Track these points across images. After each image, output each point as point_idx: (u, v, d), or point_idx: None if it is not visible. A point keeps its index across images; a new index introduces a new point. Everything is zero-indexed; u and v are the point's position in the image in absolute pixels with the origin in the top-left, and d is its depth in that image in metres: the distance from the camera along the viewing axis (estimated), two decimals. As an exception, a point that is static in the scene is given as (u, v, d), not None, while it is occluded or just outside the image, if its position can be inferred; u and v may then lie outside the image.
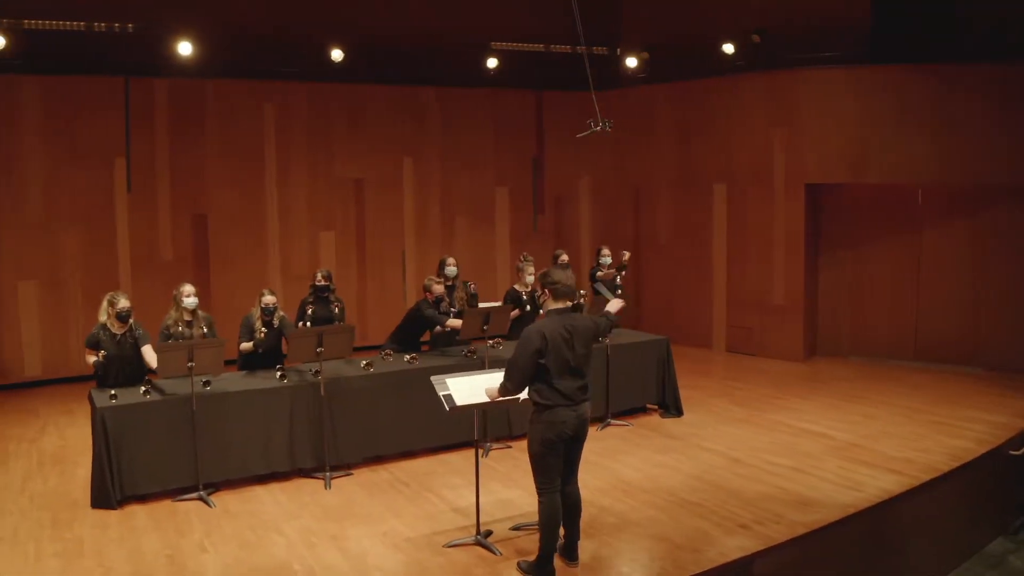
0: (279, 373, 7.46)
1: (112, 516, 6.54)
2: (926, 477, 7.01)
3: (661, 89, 12.72)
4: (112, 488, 6.66)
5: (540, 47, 12.91)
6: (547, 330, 5.34)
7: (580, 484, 7.04)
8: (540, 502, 5.47)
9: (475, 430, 6.06)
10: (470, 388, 5.89)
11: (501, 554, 5.82)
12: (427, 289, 8.45)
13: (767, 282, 11.61)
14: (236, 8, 11.18)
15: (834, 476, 7.10)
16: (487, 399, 5.72)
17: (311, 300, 8.32)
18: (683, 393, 9.85)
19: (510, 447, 8.13)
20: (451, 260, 9.06)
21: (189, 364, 6.74)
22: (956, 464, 7.28)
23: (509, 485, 7.11)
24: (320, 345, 7.16)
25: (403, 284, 12.76)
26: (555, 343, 5.29)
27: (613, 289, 9.93)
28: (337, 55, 11.60)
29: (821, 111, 10.90)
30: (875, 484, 6.89)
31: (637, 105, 13.12)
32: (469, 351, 8.40)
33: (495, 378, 5.71)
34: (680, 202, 12.71)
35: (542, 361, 5.27)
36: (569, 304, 5.54)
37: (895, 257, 11.19)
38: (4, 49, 9.44)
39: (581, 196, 13.89)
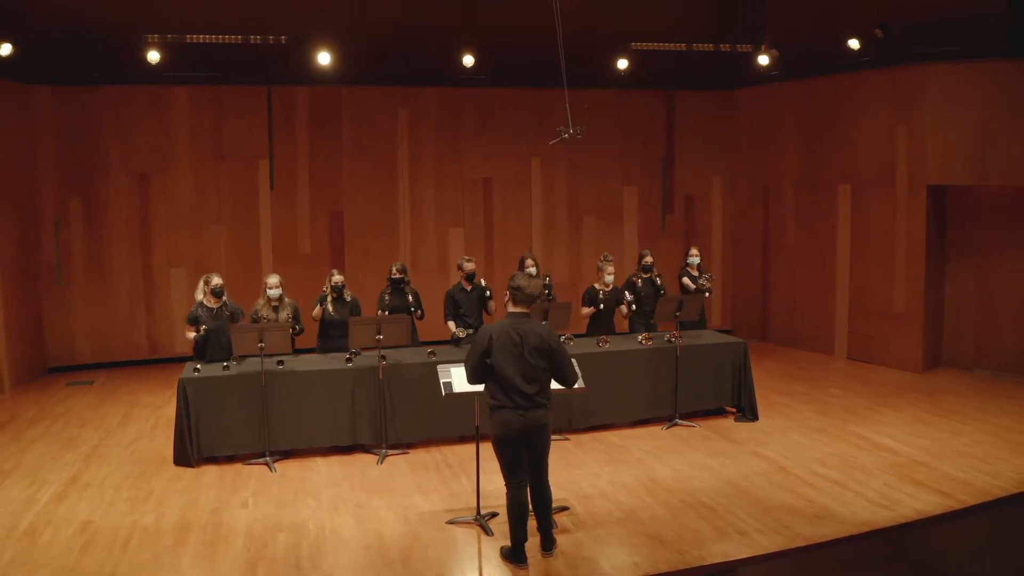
0: (347, 356, 8.17)
1: (187, 473, 7.50)
2: (972, 502, 6.53)
3: (789, 87, 12.31)
4: (190, 449, 7.64)
5: (681, 46, 12.83)
6: (495, 332, 5.61)
7: (611, 478, 7.34)
8: (506, 494, 5.77)
9: (476, 416, 6.40)
10: (471, 377, 6.27)
11: (493, 534, 6.16)
12: (459, 268, 9.18)
13: (888, 288, 10.96)
14: (371, 19, 12.04)
15: (874, 493, 6.77)
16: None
17: (388, 291, 8.98)
18: (776, 398, 9.71)
19: (567, 439, 8.37)
20: (529, 261, 9.41)
21: (260, 344, 7.59)
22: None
23: (541, 474, 7.38)
24: (379, 332, 7.80)
25: (531, 280, 13.20)
26: (501, 344, 5.53)
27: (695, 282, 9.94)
28: (468, 60, 12.22)
29: (944, 108, 10.14)
30: (912, 504, 6.52)
31: (766, 103, 12.79)
32: (568, 338, 8.79)
33: None
34: (805, 203, 12.25)
35: (488, 360, 5.54)
36: (526, 311, 5.74)
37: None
38: (158, 63, 10.82)
39: (712, 196, 13.69)
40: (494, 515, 6.40)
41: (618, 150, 13.39)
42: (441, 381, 6.37)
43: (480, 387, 6.00)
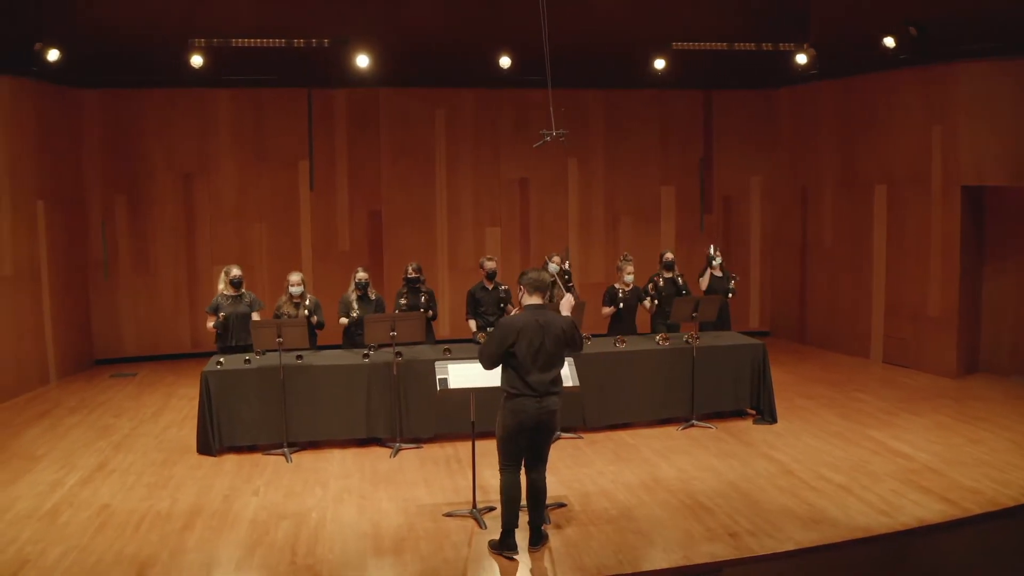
0: (364, 352, 8.39)
1: (207, 461, 7.82)
2: (978, 511, 6.40)
3: (826, 86, 12.14)
4: (212, 439, 7.96)
5: (722, 46, 12.74)
6: (521, 324, 5.77)
7: (615, 476, 7.40)
8: (500, 479, 5.89)
9: (471, 411, 6.54)
10: (466, 374, 6.42)
11: (486, 527, 6.29)
12: (481, 267, 9.33)
13: (923, 291, 10.72)
14: (409, 22, 12.27)
15: (876, 499, 6.69)
16: (483, 384, 6.20)
17: (404, 290, 9.20)
18: (800, 401, 9.64)
19: (581, 438, 8.45)
20: (556, 258, 9.49)
21: (278, 339, 7.87)
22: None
23: (547, 470, 7.44)
24: (393, 329, 8.01)
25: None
26: (527, 335, 5.68)
27: (723, 282, 9.88)
28: (505, 62, 12.36)
29: (978, 108, 9.87)
30: (913, 512, 6.42)
31: (805, 103, 12.63)
32: (586, 337, 8.85)
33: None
34: (843, 204, 12.05)
35: (512, 349, 5.68)
36: (541, 301, 5.91)
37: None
38: (201, 67, 11.24)
39: (751, 196, 13.57)
40: (491, 509, 6.53)
41: (656, 150, 13.39)
42: (437, 377, 6.52)
43: (477, 383, 6.18)
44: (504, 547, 5.86)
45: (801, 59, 12.19)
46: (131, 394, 10.27)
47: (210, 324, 8.71)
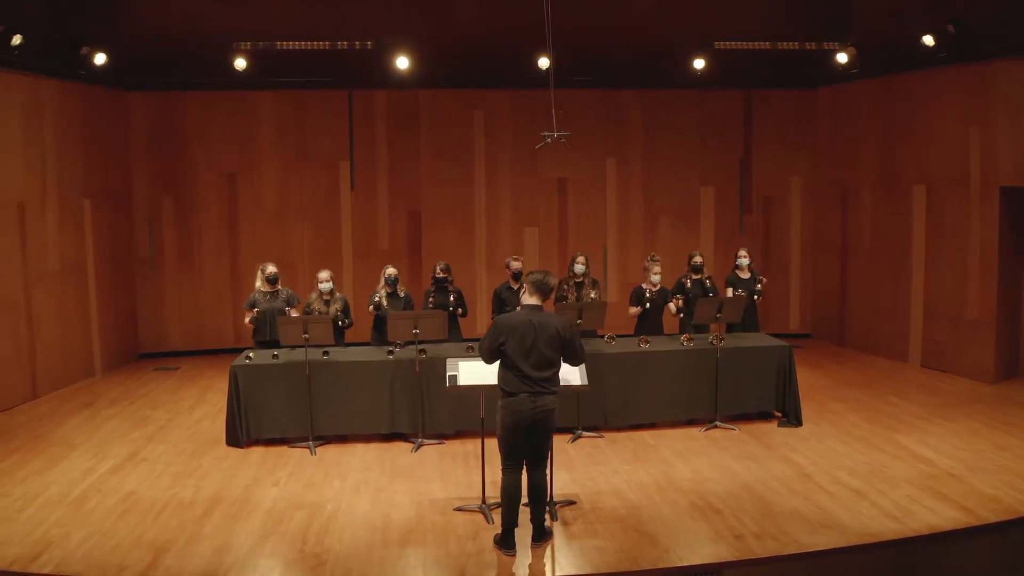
0: (389, 349, 8.57)
1: (235, 453, 8.08)
2: (993, 519, 6.27)
3: (866, 85, 11.92)
4: (240, 431, 8.22)
5: (765, 45, 12.62)
6: (514, 322, 5.89)
7: (629, 476, 7.46)
8: (501, 478, 5.98)
9: (481, 408, 6.65)
10: (476, 371, 6.53)
11: (493, 523, 6.39)
12: (507, 266, 9.46)
13: (961, 294, 10.46)
14: (448, 24, 12.45)
15: (890, 504, 6.59)
16: (492, 382, 6.30)
17: (433, 289, 9.37)
18: (830, 404, 9.55)
19: (602, 437, 8.49)
20: (580, 259, 9.54)
21: (305, 336, 8.09)
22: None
23: (562, 468, 7.50)
24: (416, 327, 8.16)
25: (604, 279, 13.28)
26: (519, 334, 5.79)
27: (751, 283, 9.79)
28: (543, 62, 12.43)
29: (1017, 107, 9.58)
30: (925, 518, 6.31)
31: (845, 102, 12.43)
32: (610, 337, 9.03)
33: None
34: (882, 205, 11.83)
35: (503, 347, 5.81)
36: (540, 303, 6.00)
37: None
38: (244, 69, 11.57)
39: (791, 197, 13.39)
40: (500, 505, 6.63)
41: (695, 150, 13.31)
42: (448, 374, 6.66)
43: (486, 380, 6.30)
44: (503, 545, 5.96)
45: (842, 58, 12.00)
46: (171, 387, 10.64)
47: (247, 319, 9.00)
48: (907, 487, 6.95)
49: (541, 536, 6.06)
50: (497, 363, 5.99)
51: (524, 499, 6.08)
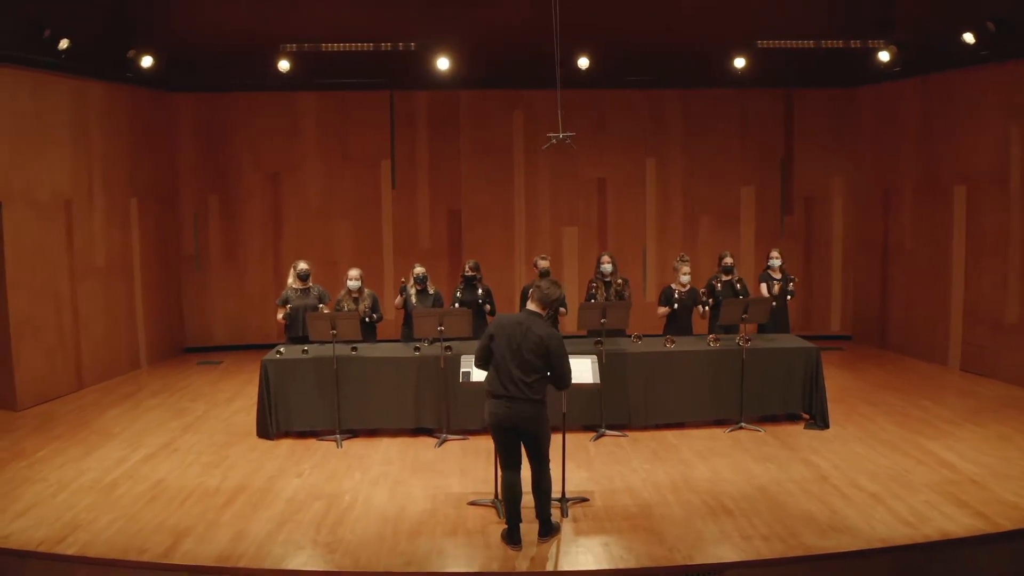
0: (415, 346, 8.73)
1: (264, 444, 8.34)
2: (1010, 527, 6.14)
3: (908, 84, 11.71)
4: (270, 423, 8.48)
5: (808, 44, 12.45)
6: (504, 323, 6.00)
7: (646, 475, 7.53)
8: (501, 476, 6.13)
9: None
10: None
11: (504, 518, 6.46)
12: (535, 265, 9.55)
13: (1001, 297, 10.21)
14: (488, 25, 12.54)
15: (906, 509, 6.50)
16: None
17: (461, 287, 9.52)
18: (861, 407, 9.45)
19: (625, 436, 8.53)
20: (606, 258, 9.58)
21: (332, 332, 8.30)
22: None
23: (581, 466, 7.60)
24: (441, 324, 8.31)
25: (643, 279, 13.28)
26: (504, 335, 5.89)
27: (781, 287, 9.72)
28: (583, 62, 12.49)
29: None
30: (940, 524, 6.21)
31: (887, 101, 12.23)
32: (636, 337, 9.07)
33: None
34: (923, 205, 11.61)
35: (491, 346, 5.92)
36: (539, 311, 6.04)
37: None
38: (288, 71, 11.86)
39: (833, 197, 13.21)
40: (514, 500, 6.75)
41: (735, 150, 13.22)
42: (461, 370, 6.80)
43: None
44: (508, 540, 6.07)
45: (884, 56, 11.80)
46: (212, 380, 10.99)
47: (279, 315, 9.27)
48: (926, 492, 6.84)
49: (547, 532, 6.14)
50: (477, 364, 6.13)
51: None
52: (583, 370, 6.69)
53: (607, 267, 9.52)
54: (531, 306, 6.08)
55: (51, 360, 9.99)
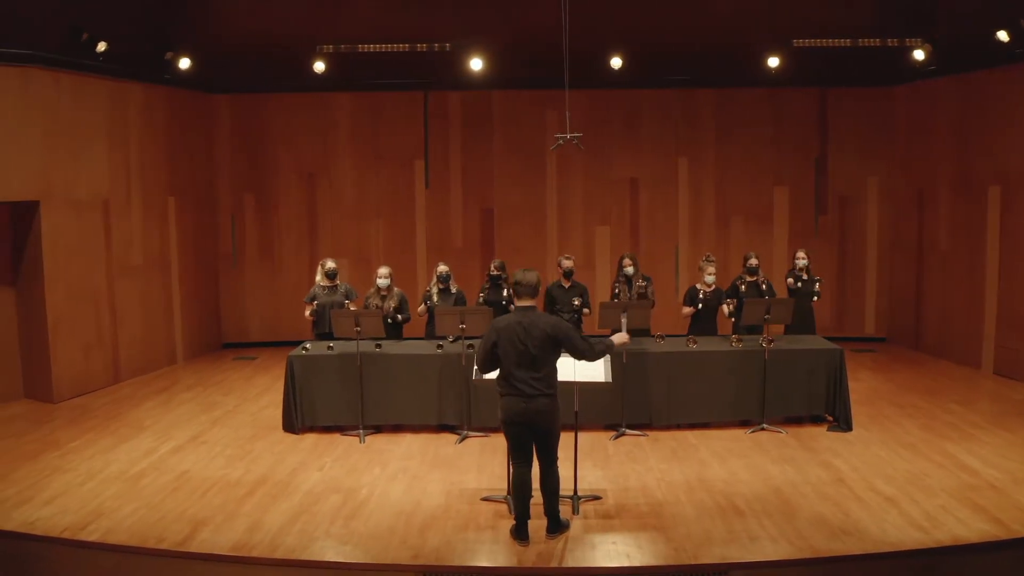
0: (438, 343, 8.86)
1: (289, 438, 8.54)
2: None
3: (943, 83, 11.51)
4: (295, 418, 8.67)
5: (844, 42, 12.32)
6: (503, 324, 6.07)
7: (662, 474, 7.58)
8: (511, 472, 6.21)
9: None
10: (499, 366, 6.73)
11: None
12: (559, 265, 9.60)
13: (1035, 300, 10.02)
14: (521, 25, 12.60)
15: (920, 514, 6.44)
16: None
17: (487, 286, 9.63)
18: (887, 410, 9.37)
19: (645, 435, 8.55)
20: (627, 260, 9.62)
21: (356, 329, 8.47)
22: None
23: (597, 465, 7.68)
24: (463, 322, 8.43)
25: (675, 279, 13.25)
26: (507, 336, 5.96)
27: (808, 285, 9.65)
28: (616, 62, 12.52)
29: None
30: (953, 530, 6.14)
31: (923, 100, 12.04)
32: (659, 337, 9.11)
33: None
34: (958, 206, 11.40)
35: (495, 350, 5.99)
36: (531, 303, 6.11)
37: None
38: (323, 72, 12.09)
39: (868, 197, 13.02)
40: (526, 496, 6.83)
41: (769, 149, 13.12)
42: (474, 368, 6.87)
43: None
44: (516, 536, 6.16)
45: (919, 55, 11.62)
46: (246, 375, 11.26)
47: (307, 312, 9.47)
48: (943, 497, 6.77)
49: (556, 528, 6.21)
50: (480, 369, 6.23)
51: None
52: (596, 369, 6.75)
53: (629, 270, 9.55)
54: (521, 303, 6.12)
55: (88, 355, 10.33)
